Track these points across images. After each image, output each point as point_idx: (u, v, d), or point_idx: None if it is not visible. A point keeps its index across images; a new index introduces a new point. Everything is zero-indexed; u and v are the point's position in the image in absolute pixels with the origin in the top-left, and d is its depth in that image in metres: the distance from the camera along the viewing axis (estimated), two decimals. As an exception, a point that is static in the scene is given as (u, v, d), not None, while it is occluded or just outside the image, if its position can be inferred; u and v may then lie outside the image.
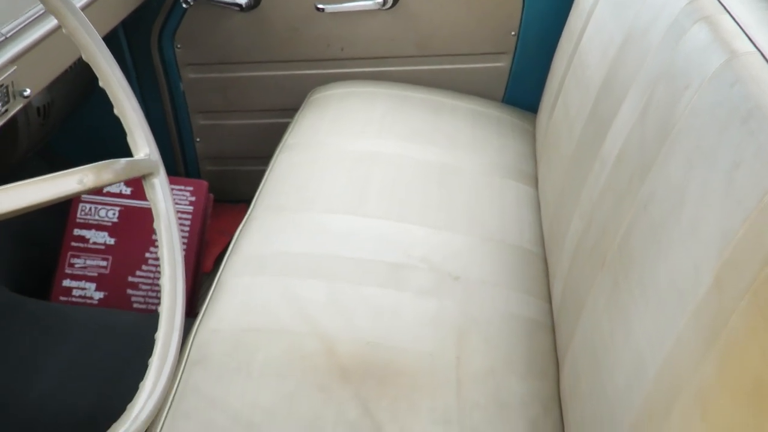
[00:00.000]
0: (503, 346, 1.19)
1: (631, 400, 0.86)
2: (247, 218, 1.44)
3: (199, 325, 1.20)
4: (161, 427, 1.03)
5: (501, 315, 1.25)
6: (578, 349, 1.07)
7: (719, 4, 1.03)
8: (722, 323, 0.72)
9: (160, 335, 0.88)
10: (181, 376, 1.11)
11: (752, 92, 0.83)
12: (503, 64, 2.00)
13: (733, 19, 0.99)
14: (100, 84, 0.96)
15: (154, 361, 0.88)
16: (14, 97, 1.34)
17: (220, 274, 1.30)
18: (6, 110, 1.31)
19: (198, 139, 2.19)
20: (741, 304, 0.71)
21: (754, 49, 0.90)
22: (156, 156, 0.96)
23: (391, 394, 1.08)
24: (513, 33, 1.95)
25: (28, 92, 1.34)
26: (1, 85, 1.29)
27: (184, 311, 0.90)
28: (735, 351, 0.70)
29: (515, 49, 1.97)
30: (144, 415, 0.85)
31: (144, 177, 0.95)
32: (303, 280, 1.26)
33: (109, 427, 1.42)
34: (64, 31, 0.93)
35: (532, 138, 1.82)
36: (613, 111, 1.18)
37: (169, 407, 1.06)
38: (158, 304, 1.64)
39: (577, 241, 1.19)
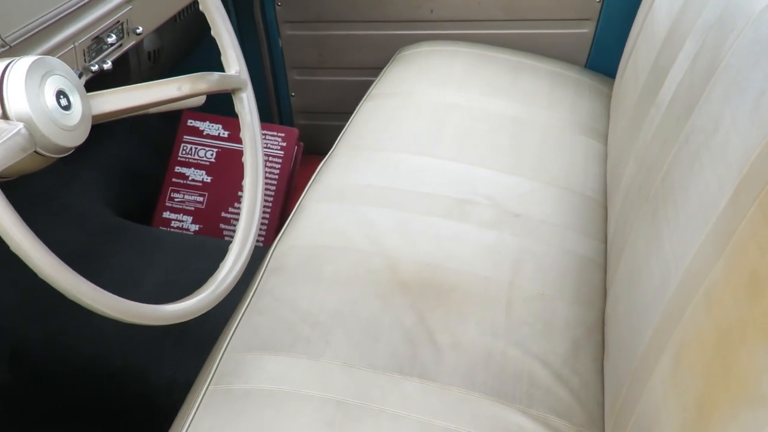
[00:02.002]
0: (555, 275, 1.28)
1: (655, 308, 0.94)
2: (330, 154, 1.57)
3: (279, 241, 1.33)
4: (239, 320, 1.17)
5: (556, 250, 1.33)
6: (620, 277, 1.15)
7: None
8: (733, 230, 0.80)
9: (244, 207, 1.01)
10: (260, 280, 1.25)
11: (786, 29, 0.90)
12: (587, 30, 2.06)
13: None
14: (200, 8, 1.09)
15: (240, 229, 1.00)
16: (128, 33, 1.49)
17: (301, 199, 1.43)
18: (120, 45, 1.47)
19: (293, 94, 2.33)
20: (749, 212, 0.78)
21: (796, -7, 0.96)
22: (245, 75, 1.09)
23: (444, 307, 1.18)
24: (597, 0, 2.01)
25: (140, 30, 1.50)
26: (117, 22, 1.45)
27: (263, 189, 1.03)
28: (738, 251, 0.78)
29: (599, 15, 2.03)
30: (230, 278, 0.97)
31: (233, 91, 1.08)
32: (374, 208, 1.37)
33: (196, 337, 1.57)
34: None
35: (608, 100, 1.88)
36: (671, 60, 1.24)
37: (248, 304, 1.20)
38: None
39: (630, 182, 1.26)
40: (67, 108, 0.88)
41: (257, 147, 1.05)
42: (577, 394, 1.10)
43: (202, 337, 1.38)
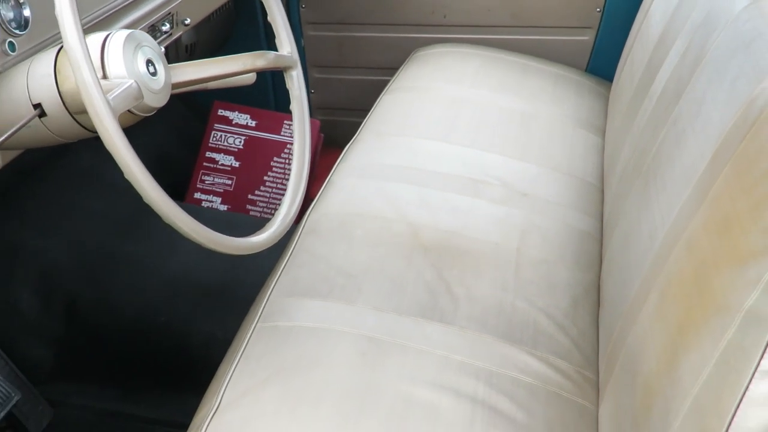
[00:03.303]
0: (557, 244, 1.44)
1: (644, 262, 1.11)
2: (354, 139, 1.74)
3: (312, 209, 1.50)
4: (281, 272, 1.33)
5: (558, 224, 1.50)
6: (615, 243, 1.32)
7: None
8: (710, 186, 0.97)
9: (295, 162, 1.18)
10: (297, 241, 1.41)
11: (758, 25, 1.07)
12: (588, 37, 2.24)
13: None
14: (260, -3, 1.27)
15: (292, 181, 1.17)
16: (177, 24, 1.67)
17: (330, 176, 1.60)
18: (170, 33, 1.64)
19: (312, 91, 2.50)
20: (724, 170, 0.95)
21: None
22: (296, 55, 1.26)
23: (460, 266, 1.35)
24: (598, 10, 2.19)
25: (188, 21, 1.68)
26: (169, 13, 1.62)
27: (310, 148, 1.20)
28: (714, 202, 0.95)
29: (599, 24, 2.21)
30: (285, 222, 1.14)
31: (285, 69, 1.25)
32: (397, 184, 1.54)
33: (233, 297, 1.72)
34: None
35: (606, 100, 2.06)
36: (663, 58, 1.42)
37: (287, 260, 1.36)
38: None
39: (624, 164, 1.43)
40: (154, 74, 1.05)
41: (305, 116, 1.22)
42: (576, 341, 1.26)
43: (239, 298, 1.54)
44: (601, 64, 2.25)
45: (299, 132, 1.21)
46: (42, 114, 1.03)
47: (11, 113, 1.05)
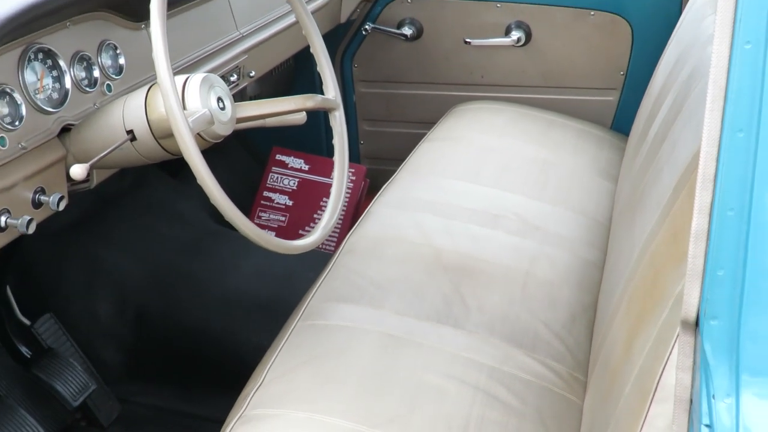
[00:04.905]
0: (563, 269, 1.65)
1: (622, 278, 1.31)
2: (393, 177, 1.98)
3: (350, 234, 1.73)
4: (321, 282, 1.56)
5: (566, 253, 1.71)
6: (608, 267, 1.53)
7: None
8: (670, 206, 1.18)
9: (335, 182, 1.43)
10: (336, 258, 1.65)
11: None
12: (612, 98, 2.47)
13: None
14: (311, 50, 1.52)
15: (333, 194, 1.42)
16: (244, 76, 1.95)
17: (369, 208, 1.84)
18: (237, 84, 1.92)
19: (362, 142, 2.76)
20: (682, 193, 1.16)
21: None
22: (339, 99, 1.51)
23: (474, 283, 1.57)
24: (621, 73, 2.42)
25: (253, 74, 1.95)
26: (237, 66, 1.90)
27: (347, 174, 1.45)
28: (670, 219, 1.15)
29: (623, 85, 2.44)
30: (326, 229, 1.38)
31: (329, 110, 1.50)
32: (425, 215, 1.77)
33: (281, 311, 1.95)
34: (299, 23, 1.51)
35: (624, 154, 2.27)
36: (658, 109, 1.64)
37: (327, 273, 1.59)
38: (320, 249, 2.20)
39: (622, 202, 1.64)
40: (222, 109, 1.30)
41: (344, 149, 1.46)
42: (571, 349, 1.46)
43: (285, 312, 1.77)
44: (625, 122, 2.46)
45: (339, 152, 1.45)
46: (133, 138, 1.30)
47: (108, 138, 1.32)
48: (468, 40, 2.44)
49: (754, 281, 0.75)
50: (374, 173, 2.76)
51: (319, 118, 2.61)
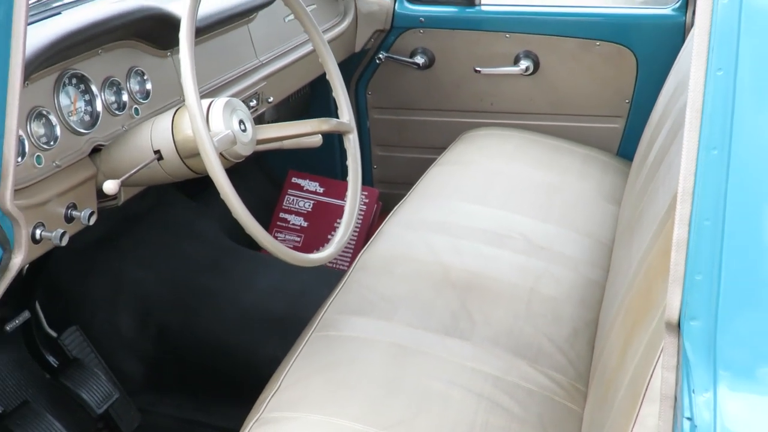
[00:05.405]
0: (566, 287, 1.72)
1: (620, 293, 1.39)
2: (404, 199, 2.06)
3: (363, 252, 1.81)
4: (335, 297, 1.64)
5: (570, 272, 1.78)
6: (608, 284, 1.60)
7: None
8: (664, 224, 1.26)
9: (348, 198, 1.51)
10: (349, 275, 1.73)
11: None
12: (618, 125, 2.55)
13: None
14: (327, 77, 1.61)
15: (346, 211, 1.50)
16: (263, 101, 2.04)
17: (382, 227, 1.92)
18: (257, 109, 2.01)
19: (375, 166, 2.85)
20: (672, 215, 1.24)
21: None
22: (353, 123, 1.60)
23: (481, 300, 1.64)
24: (627, 101, 2.50)
25: (271, 99, 2.05)
26: (256, 92, 2.00)
27: (360, 192, 1.53)
28: (664, 235, 1.23)
29: (628, 113, 2.52)
30: (340, 244, 1.46)
31: (344, 133, 1.59)
32: (434, 235, 1.85)
33: (295, 326, 2.03)
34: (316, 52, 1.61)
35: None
36: (657, 135, 1.72)
37: (340, 288, 1.67)
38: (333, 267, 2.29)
39: (623, 223, 1.72)
40: (244, 130, 1.39)
41: (358, 169, 1.55)
42: (572, 361, 1.53)
43: (300, 327, 1.85)
44: (630, 148, 2.53)
45: (353, 171, 1.54)
46: (160, 158, 1.39)
47: (136, 158, 1.41)
48: (478, 68, 2.53)
49: (728, 285, 0.83)
50: (387, 197, 2.84)
51: (333, 144, 2.70)
